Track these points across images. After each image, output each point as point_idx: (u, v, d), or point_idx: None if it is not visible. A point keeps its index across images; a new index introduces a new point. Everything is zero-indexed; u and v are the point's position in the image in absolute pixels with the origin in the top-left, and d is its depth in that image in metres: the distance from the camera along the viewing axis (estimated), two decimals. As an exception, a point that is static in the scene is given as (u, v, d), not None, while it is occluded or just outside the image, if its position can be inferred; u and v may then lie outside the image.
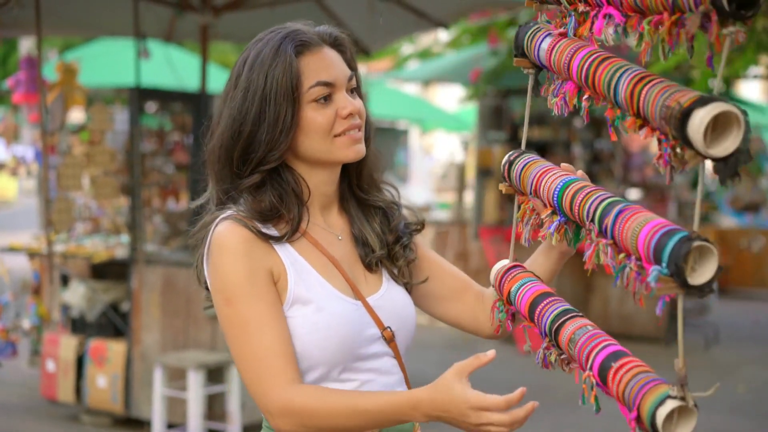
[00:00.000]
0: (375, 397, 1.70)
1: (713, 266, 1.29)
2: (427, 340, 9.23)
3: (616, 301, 9.76)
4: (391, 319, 1.88)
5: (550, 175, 1.72)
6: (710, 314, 10.44)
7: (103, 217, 7.13)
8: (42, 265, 6.55)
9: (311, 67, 1.83)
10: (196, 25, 7.14)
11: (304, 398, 1.70)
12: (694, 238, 1.29)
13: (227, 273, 1.77)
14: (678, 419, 1.34)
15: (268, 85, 1.80)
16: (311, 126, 1.83)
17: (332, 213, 1.95)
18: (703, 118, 1.27)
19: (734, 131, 1.28)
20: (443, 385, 1.63)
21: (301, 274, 1.82)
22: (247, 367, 1.76)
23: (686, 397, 1.34)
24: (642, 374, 1.41)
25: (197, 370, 5.46)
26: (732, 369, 8.57)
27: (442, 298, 2.05)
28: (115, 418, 6.28)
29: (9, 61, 20.07)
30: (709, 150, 1.28)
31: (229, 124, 1.83)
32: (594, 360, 1.49)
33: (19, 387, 7.23)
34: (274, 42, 1.83)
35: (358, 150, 1.87)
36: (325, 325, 1.78)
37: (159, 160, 6.86)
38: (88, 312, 6.26)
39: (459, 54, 11.88)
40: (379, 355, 1.86)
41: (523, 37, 1.80)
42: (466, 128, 18.14)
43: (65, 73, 6.63)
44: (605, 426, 6.54)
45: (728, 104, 1.28)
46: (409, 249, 1.98)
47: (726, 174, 1.29)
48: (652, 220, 1.39)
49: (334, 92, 1.85)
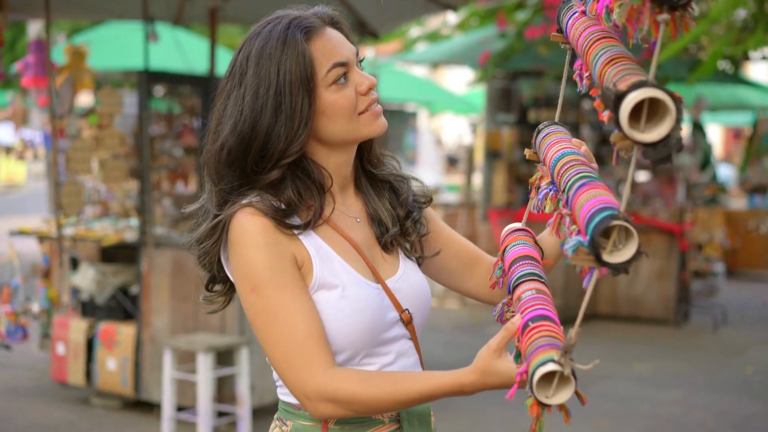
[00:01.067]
0: (417, 381, 1.69)
1: (633, 249, 1.31)
2: (435, 322, 9.25)
3: (625, 284, 9.76)
4: (408, 301, 1.88)
5: (556, 146, 1.75)
6: (719, 296, 10.45)
7: (113, 201, 7.14)
8: (51, 248, 6.57)
9: (323, 51, 1.80)
10: (204, 8, 7.14)
11: (346, 383, 1.70)
12: (619, 217, 1.32)
13: (252, 261, 1.75)
14: (558, 385, 1.41)
15: (281, 77, 1.76)
16: (335, 109, 1.81)
17: (349, 194, 1.94)
18: (629, 102, 1.29)
19: (668, 118, 1.29)
20: (487, 369, 1.62)
21: (325, 260, 1.80)
22: (280, 355, 1.75)
23: (564, 365, 1.40)
24: (546, 338, 1.47)
25: (207, 353, 5.48)
26: (740, 350, 8.57)
27: (456, 271, 2.06)
28: (125, 401, 6.32)
29: (17, 44, 20.10)
30: (636, 134, 1.30)
31: (240, 124, 1.78)
32: (523, 318, 1.56)
33: (30, 370, 7.27)
34: (278, 33, 1.79)
35: (381, 123, 1.87)
36: (350, 311, 1.77)
37: (168, 144, 6.87)
38: (98, 295, 6.28)
39: (467, 36, 11.84)
40: (398, 338, 1.86)
41: (559, 13, 1.82)
42: (475, 110, 18.11)
43: (74, 56, 6.64)
44: (612, 408, 6.56)
45: (659, 91, 1.29)
46: (420, 223, 1.97)
47: (655, 159, 1.31)
48: (598, 196, 1.42)
49: (348, 71, 1.83)
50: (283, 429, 1.86)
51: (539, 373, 1.41)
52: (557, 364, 1.40)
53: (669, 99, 1.28)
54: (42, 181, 19.80)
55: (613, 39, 1.57)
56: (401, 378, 1.71)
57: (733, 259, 12.93)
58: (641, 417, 6.38)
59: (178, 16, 7.77)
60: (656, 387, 7.13)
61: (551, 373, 1.41)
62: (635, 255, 1.32)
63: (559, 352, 1.41)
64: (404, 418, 1.84)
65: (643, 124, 1.30)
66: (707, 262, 10.04)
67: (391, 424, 1.84)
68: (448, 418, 6.12)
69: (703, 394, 6.98)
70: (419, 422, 1.87)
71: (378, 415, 1.82)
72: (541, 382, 1.42)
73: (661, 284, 9.62)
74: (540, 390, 1.42)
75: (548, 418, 1.51)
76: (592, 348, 8.25)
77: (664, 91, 1.29)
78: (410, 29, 15.68)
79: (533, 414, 1.45)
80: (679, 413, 6.47)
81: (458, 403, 6.38)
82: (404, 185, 1.99)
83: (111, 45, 10.89)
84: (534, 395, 1.42)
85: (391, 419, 1.84)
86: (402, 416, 1.84)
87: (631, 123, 1.31)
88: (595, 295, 9.82)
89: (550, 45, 8.88)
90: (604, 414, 6.38)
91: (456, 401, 6.37)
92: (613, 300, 9.82)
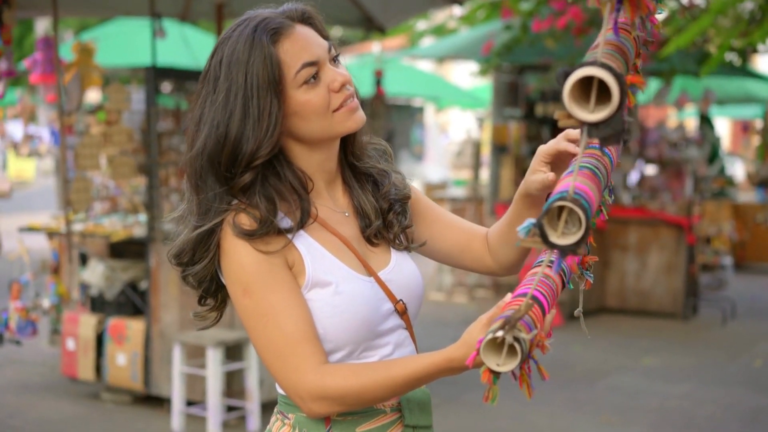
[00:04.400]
0: (407, 364, 1.71)
1: (580, 232, 1.33)
2: (443, 316, 9.26)
3: (633, 277, 9.76)
4: (401, 291, 1.90)
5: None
6: (727, 289, 10.43)
7: (121, 197, 7.16)
8: (61, 244, 6.60)
9: (291, 52, 1.80)
10: (211, 4, 7.16)
11: (336, 379, 1.71)
12: (567, 200, 1.34)
13: (242, 263, 1.77)
14: (508, 354, 1.47)
15: (248, 81, 1.76)
16: (307, 108, 1.81)
17: (337, 189, 1.95)
18: (570, 80, 1.31)
19: (613, 98, 1.31)
20: (474, 342, 1.60)
21: (316, 258, 1.81)
22: (272, 357, 1.76)
23: (506, 333, 1.45)
24: (512, 310, 1.51)
25: (216, 348, 5.50)
26: (749, 344, 8.56)
27: (452, 253, 2.07)
28: (135, 396, 6.34)
29: (25, 41, 20.15)
30: (578, 112, 1.32)
31: (214, 128, 1.78)
32: (512, 294, 1.62)
33: (40, 366, 7.30)
34: (245, 36, 1.79)
35: (358, 118, 1.86)
36: (345, 307, 1.79)
37: (175, 140, 6.88)
38: (107, 291, 6.31)
39: (473, 30, 11.82)
40: (394, 329, 1.88)
41: None
42: (482, 105, 18.10)
43: (82, 53, 6.66)
44: (620, 402, 6.56)
45: (602, 70, 1.29)
46: (403, 216, 1.97)
47: (598, 138, 1.33)
48: (569, 181, 1.43)
49: (319, 69, 1.82)
50: (285, 422, 1.87)
51: (484, 340, 1.47)
52: (498, 332, 1.46)
53: (612, 79, 1.29)
54: (51, 178, 19.84)
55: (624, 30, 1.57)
56: (391, 365, 1.73)
57: (741, 253, 12.92)
58: (649, 411, 6.39)
59: (185, 13, 7.80)
60: (664, 381, 7.13)
61: (502, 343, 1.47)
62: (582, 238, 1.33)
63: (502, 322, 1.47)
64: (405, 406, 1.86)
65: (593, 105, 1.32)
66: (715, 256, 10.03)
67: (393, 414, 1.85)
68: (456, 412, 6.13)
69: (711, 387, 6.98)
70: (419, 410, 1.88)
71: (379, 405, 1.83)
72: (492, 351, 1.48)
73: (669, 278, 9.62)
74: (491, 358, 1.47)
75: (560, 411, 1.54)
76: (601, 342, 8.26)
77: (609, 72, 1.29)
78: (416, 23, 15.67)
79: (483, 380, 1.50)
80: (687, 407, 6.47)
81: (465, 396, 6.39)
82: (386, 178, 1.98)
83: (118, 42, 10.91)
84: (483, 362, 1.48)
85: (392, 408, 1.85)
86: (402, 404, 1.86)
87: (582, 103, 1.33)
88: (604, 288, 9.82)
89: (557, 38, 8.86)
90: (612, 407, 6.39)
91: (463, 395, 6.38)
92: (622, 294, 9.82)
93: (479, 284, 10.59)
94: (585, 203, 1.35)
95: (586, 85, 1.34)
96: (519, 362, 1.46)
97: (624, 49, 1.53)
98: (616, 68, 1.31)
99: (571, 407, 6.37)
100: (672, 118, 15.91)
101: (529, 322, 1.50)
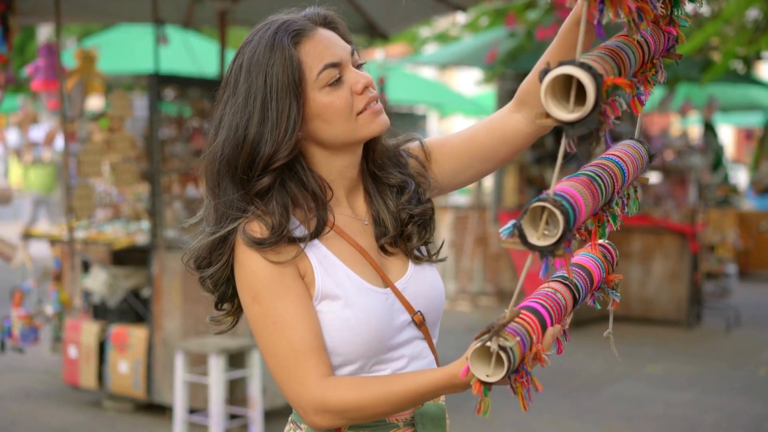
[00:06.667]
0: (410, 379, 1.68)
1: (559, 232, 1.33)
2: (446, 324, 9.20)
3: (637, 285, 9.74)
4: (420, 302, 1.85)
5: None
6: (731, 297, 10.40)
7: (124, 204, 7.16)
8: (63, 251, 6.58)
9: (313, 54, 1.77)
10: (214, 10, 7.14)
11: (338, 393, 1.69)
12: (546, 201, 1.33)
13: (253, 270, 1.75)
14: (496, 364, 1.46)
15: (268, 83, 1.74)
16: (330, 111, 1.77)
17: (358, 197, 1.90)
18: (546, 78, 1.31)
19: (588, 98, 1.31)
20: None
21: (328, 269, 1.78)
22: (278, 367, 1.75)
23: (489, 340, 1.44)
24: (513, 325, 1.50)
25: (218, 355, 5.48)
26: (753, 352, 8.54)
27: (462, 173, 1.99)
28: (137, 404, 6.32)
29: (27, 48, 20.17)
30: (555, 110, 1.32)
31: (232, 131, 1.76)
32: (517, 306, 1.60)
33: (42, 373, 7.29)
34: (266, 39, 1.77)
35: (382, 121, 1.82)
36: (355, 321, 1.75)
37: (178, 147, 6.87)
38: (110, 298, 6.29)
39: (477, 38, 11.83)
40: (410, 341, 1.84)
41: None
42: (485, 112, 18.06)
43: (84, 60, 6.65)
44: (624, 409, 6.54)
45: (578, 69, 1.30)
46: (423, 229, 1.91)
47: (573, 137, 1.33)
48: (561, 185, 1.43)
49: (342, 71, 1.79)
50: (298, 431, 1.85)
51: (471, 351, 1.46)
52: (483, 340, 1.45)
53: (588, 78, 1.29)
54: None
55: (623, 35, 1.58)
56: (394, 380, 1.70)
57: (745, 260, 12.89)
58: (653, 418, 6.36)
59: (188, 19, 7.78)
60: (668, 388, 7.10)
61: (490, 354, 1.46)
62: (560, 239, 1.32)
63: (485, 329, 1.46)
64: (418, 420, 1.83)
65: (572, 105, 1.32)
66: (719, 263, 10.00)
67: (406, 428, 1.83)
68: (462, 420, 6.11)
69: (715, 395, 6.95)
70: (433, 424, 1.84)
71: (392, 419, 1.81)
72: (481, 361, 1.47)
73: (673, 285, 9.59)
74: (480, 369, 1.46)
75: (564, 419, 1.52)
76: (604, 349, 8.23)
77: (586, 71, 1.29)
78: (420, 30, 15.66)
79: (474, 392, 1.49)
80: (691, 415, 6.44)
81: (472, 404, 6.36)
82: (410, 187, 1.92)
83: (121, 48, 10.91)
84: (473, 373, 1.47)
85: (405, 423, 1.82)
86: (416, 419, 1.83)
87: (564, 103, 1.33)
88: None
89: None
90: (616, 415, 6.36)
91: (470, 403, 6.36)
92: (625, 301, 9.79)
93: (482, 292, 10.56)
94: (567, 205, 1.34)
95: (570, 86, 1.34)
96: (506, 371, 1.44)
97: (620, 54, 1.52)
98: (597, 69, 1.30)
99: (575, 415, 6.35)
100: (676, 125, 15.90)
101: (520, 330, 1.47)
